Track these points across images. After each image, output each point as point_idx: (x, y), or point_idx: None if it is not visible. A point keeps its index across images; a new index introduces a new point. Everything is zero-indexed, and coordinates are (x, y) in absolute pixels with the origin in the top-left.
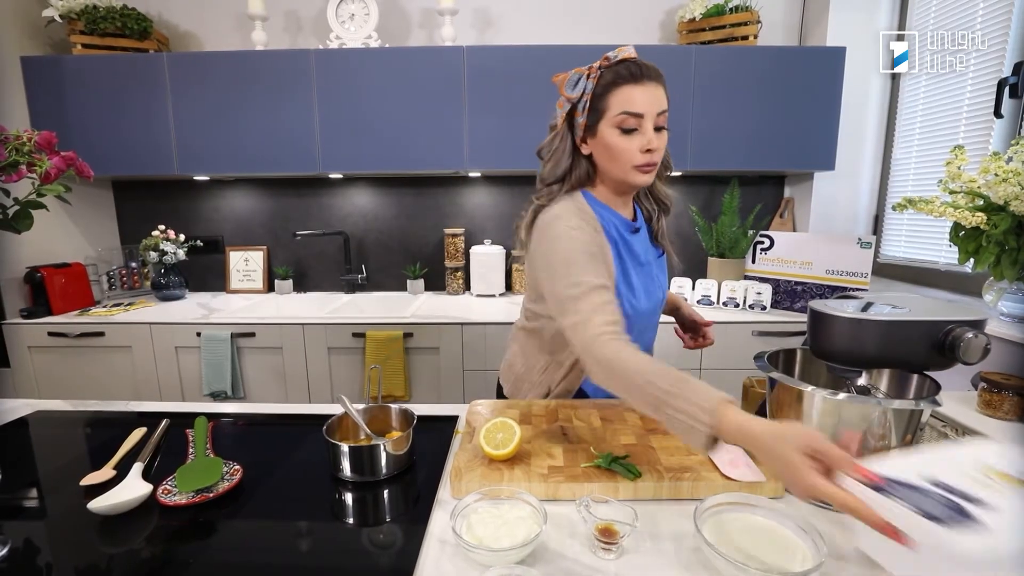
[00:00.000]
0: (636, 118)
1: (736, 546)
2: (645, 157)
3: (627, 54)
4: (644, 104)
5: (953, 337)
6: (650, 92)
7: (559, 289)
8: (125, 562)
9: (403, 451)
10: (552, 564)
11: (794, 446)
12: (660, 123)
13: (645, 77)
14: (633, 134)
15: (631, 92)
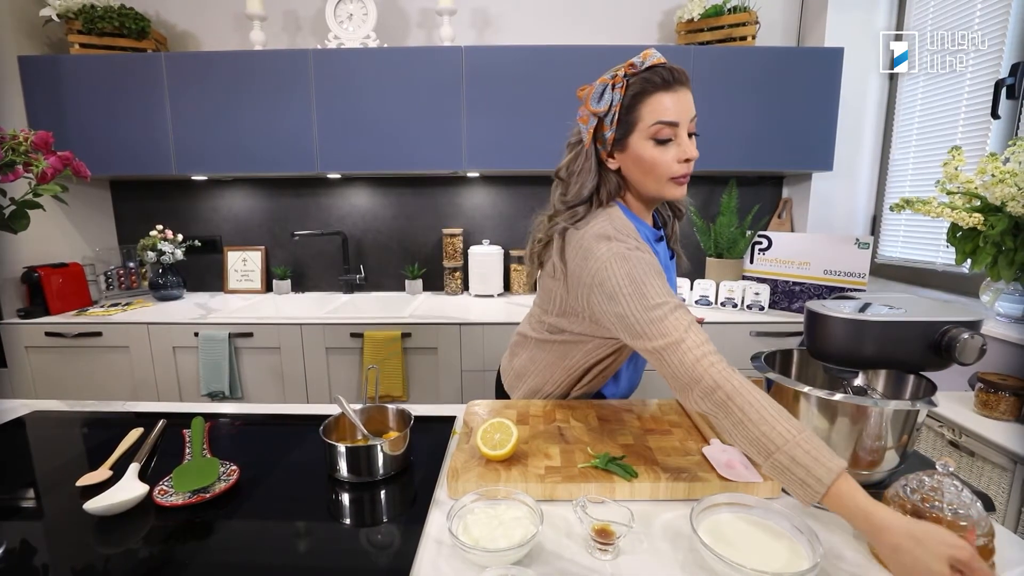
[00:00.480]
0: (671, 127)
1: (732, 546)
2: (683, 168)
3: (655, 59)
4: (678, 112)
5: (949, 338)
6: (682, 98)
7: (632, 311)
8: (121, 563)
9: (400, 451)
10: (549, 565)
11: (936, 554)
12: (692, 129)
13: (677, 83)
14: (668, 144)
15: (664, 100)
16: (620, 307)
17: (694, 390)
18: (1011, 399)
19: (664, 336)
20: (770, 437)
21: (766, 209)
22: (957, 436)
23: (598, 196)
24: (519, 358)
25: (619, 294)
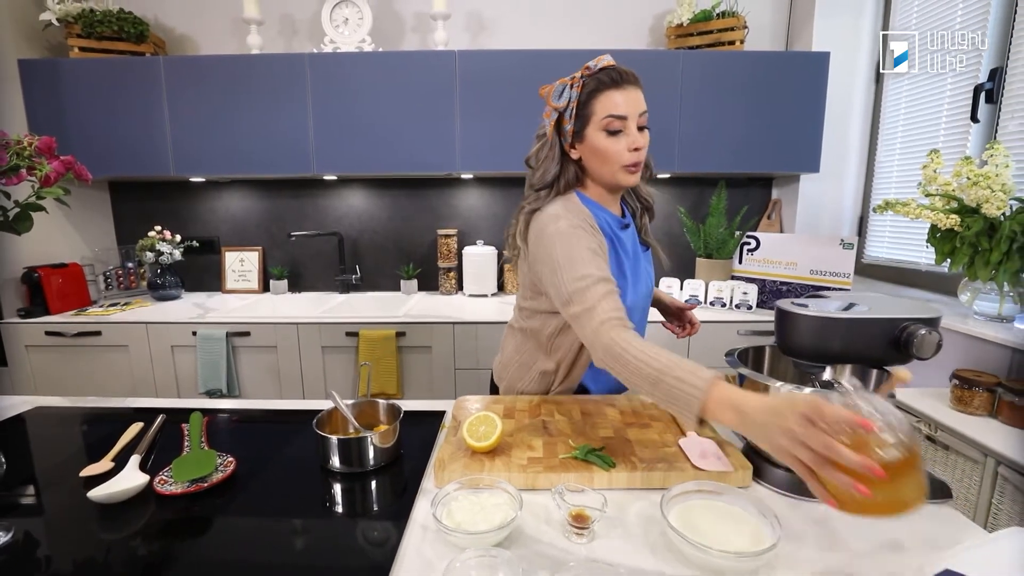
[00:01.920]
0: (620, 120)
1: (700, 530)
2: (633, 156)
3: (606, 62)
4: (626, 106)
5: (908, 334)
6: (631, 95)
7: (564, 283)
8: (123, 548)
9: (390, 444)
10: (527, 547)
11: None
12: (642, 123)
13: (625, 82)
14: (619, 135)
15: (613, 96)
16: (556, 278)
17: (597, 349)
18: (984, 395)
19: (583, 304)
20: (658, 368)
21: (755, 210)
22: (933, 431)
23: (559, 182)
24: (506, 349)
25: (557, 267)
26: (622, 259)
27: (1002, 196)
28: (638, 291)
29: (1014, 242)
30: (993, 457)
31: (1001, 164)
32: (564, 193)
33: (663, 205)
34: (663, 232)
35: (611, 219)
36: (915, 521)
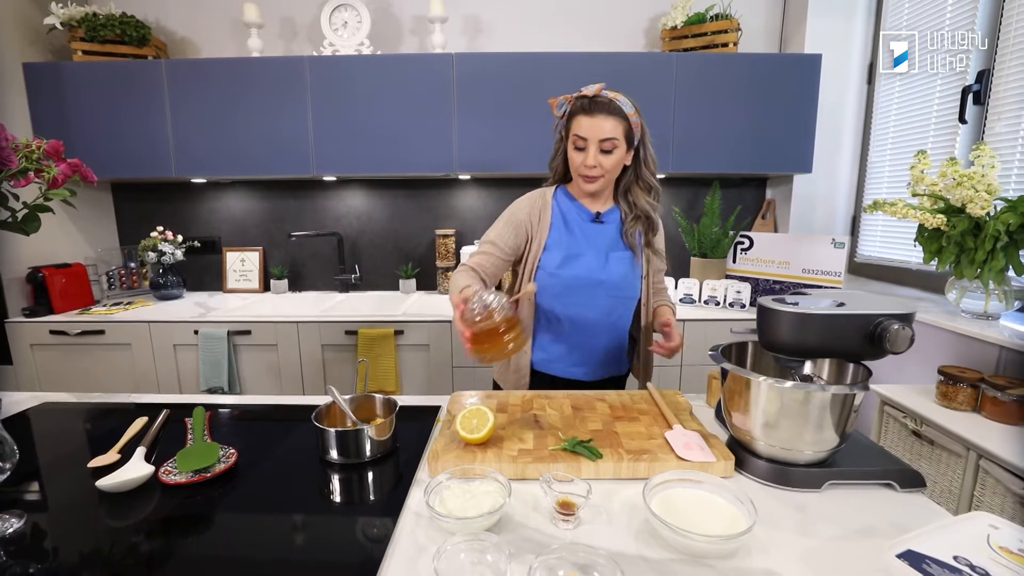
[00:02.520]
0: (583, 140)
1: (681, 516)
2: (588, 171)
3: (586, 92)
4: (588, 131)
5: (881, 329)
6: (596, 122)
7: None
8: (130, 534)
9: (386, 436)
10: (515, 533)
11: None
12: (605, 147)
13: (596, 110)
14: (582, 152)
15: (582, 121)
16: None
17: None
18: (968, 390)
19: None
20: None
21: (749, 210)
22: (919, 426)
23: (555, 174)
24: None
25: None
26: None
27: (986, 196)
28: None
29: (998, 241)
30: (975, 451)
31: (987, 165)
32: (558, 183)
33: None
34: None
35: (581, 211)
36: (889, 508)
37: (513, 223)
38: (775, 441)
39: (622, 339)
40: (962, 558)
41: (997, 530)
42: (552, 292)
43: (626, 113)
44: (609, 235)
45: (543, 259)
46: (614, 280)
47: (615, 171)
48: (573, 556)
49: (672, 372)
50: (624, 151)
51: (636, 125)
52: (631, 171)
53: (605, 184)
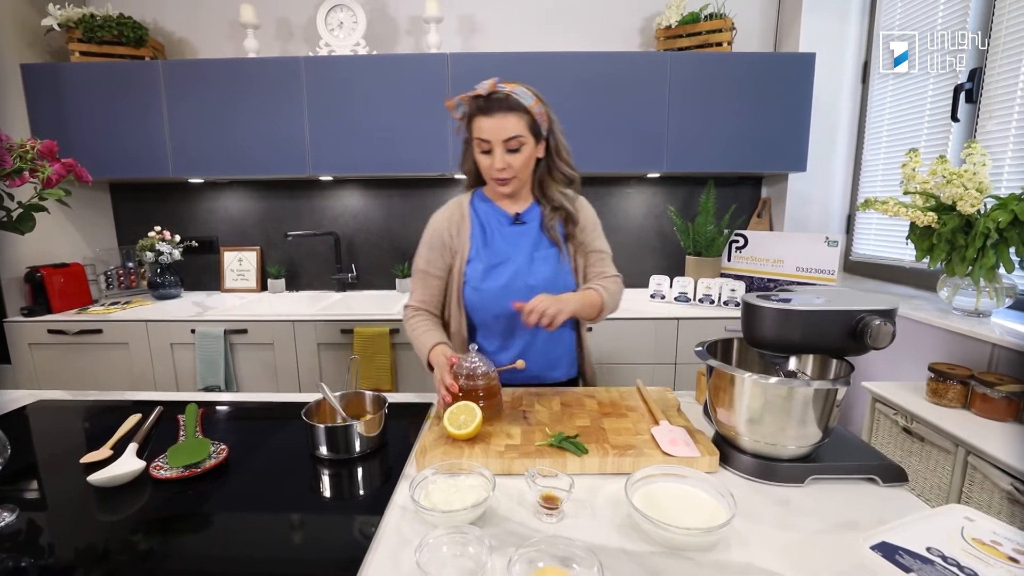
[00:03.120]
0: (487, 143)
1: (664, 510)
2: (499, 173)
3: (479, 91)
4: (490, 133)
5: (863, 324)
6: (497, 122)
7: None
8: (121, 527)
9: (375, 432)
10: (499, 526)
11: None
12: (512, 146)
13: (493, 109)
14: (489, 154)
15: (482, 122)
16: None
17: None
18: (958, 387)
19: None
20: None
21: (744, 208)
22: (909, 423)
23: (468, 180)
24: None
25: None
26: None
27: (975, 194)
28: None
29: (988, 239)
30: (963, 447)
31: (978, 163)
32: (473, 188)
33: (653, 204)
34: (654, 231)
35: (499, 215)
36: (871, 502)
37: (435, 245)
38: (759, 436)
39: (567, 340)
40: (935, 549)
41: (972, 522)
42: (483, 306)
43: (526, 106)
44: (532, 235)
45: (467, 273)
46: (543, 283)
47: (527, 168)
48: (553, 548)
49: (666, 370)
50: (532, 146)
51: (541, 115)
52: (544, 163)
53: (520, 184)
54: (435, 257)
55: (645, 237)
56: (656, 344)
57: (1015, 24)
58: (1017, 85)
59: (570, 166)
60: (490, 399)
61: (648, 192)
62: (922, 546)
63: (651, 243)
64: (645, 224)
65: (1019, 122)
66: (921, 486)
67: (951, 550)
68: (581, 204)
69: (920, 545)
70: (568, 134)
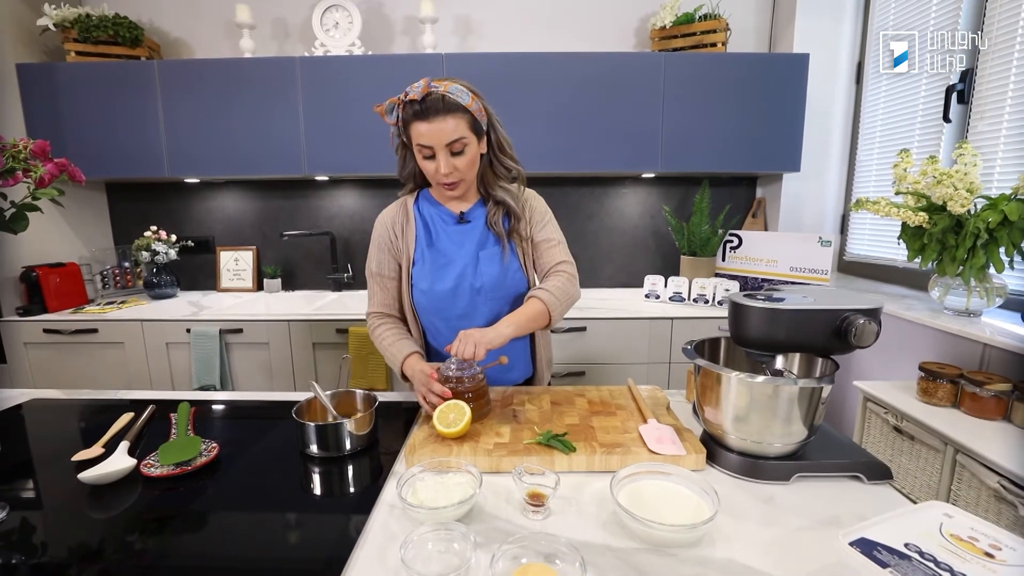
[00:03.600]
0: (429, 149)
1: (649, 507)
2: (443, 179)
3: (412, 95)
4: (431, 138)
5: (848, 323)
6: (436, 126)
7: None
8: (111, 524)
9: (365, 431)
10: (486, 523)
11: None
12: (455, 149)
13: (430, 113)
14: (432, 160)
15: (419, 128)
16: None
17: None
18: (948, 386)
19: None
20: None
21: (738, 208)
22: (899, 421)
23: (410, 182)
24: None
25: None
26: (437, 246)
27: (965, 194)
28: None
29: (978, 239)
30: (952, 445)
31: (969, 163)
32: (417, 190)
33: (648, 204)
34: (649, 231)
35: (443, 214)
36: (855, 500)
37: (383, 246)
38: (745, 434)
39: (521, 342)
40: (913, 545)
41: (951, 519)
42: (430, 309)
43: (464, 104)
44: (476, 234)
45: (414, 275)
46: (490, 283)
47: (473, 168)
48: (536, 545)
49: (661, 369)
50: (476, 144)
51: (479, 112)
52: (485, 159)
53: (467, 185)
54: (384, 258)
55: (640, 237)
56: (650, 344)
57: (1006, 25)
58: (1008, 86)
59: (513, 159)
60: (479, 399)
61: (643, 192)
62: (900, 542)
63: (646, 243)
64: (640, 224)
65: (1010, 123)
66: (911, 484)
67: (928, 546)
68: (527, 196)
69: (898, 541)
70: (563, 134)
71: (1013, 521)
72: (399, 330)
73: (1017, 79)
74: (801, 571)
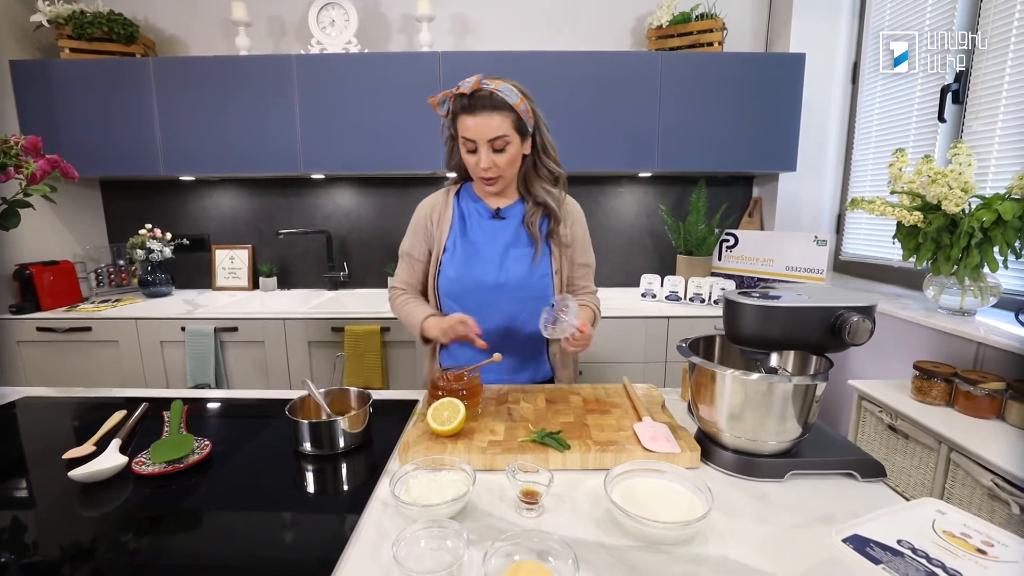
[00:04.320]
0: (472, 142)
1: (641, 505)
2: (485, 172)
3: (462, 89)
4: (475, 132)
5: (842, 321)
6: (481, 121)
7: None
8: (101, 522)
9: (359, 428)
10: (479, 521)
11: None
12: (497, 145)
13: (477, 108)
14: (475, 153)
15: (466, 121)
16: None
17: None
18: (943, 385)
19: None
20: (404, 315)
21: (735, 208)
22: (894, 420)
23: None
24: None
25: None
26: (469, 237)
27: (960, 193)
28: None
29: (973, 238)
30: (947, 444)
31: (963, 163)
32: (460, 184)
33: (644, 203)
34: (645, 230)
35: (481, 208)
36: (849, 497)
37: (418, 230)
38: (740, 432)
39: (535, 342)
40: (905, 542)
41: (944, 515)
42: (453, 295)
43: (511, 104)
44: (510, 231)
45: (442, 262)
46: (514, 281)
47: (513, 167)
48: (529, 542)
49: (657, 368)
50: (518, 144)
51: (526, 112)
52: (528, 160)
53: (506, 183)
54: (417, 241)
55: (636, 236)
56: (647, 343)
57: (1001, 25)
58: (1002, 86)
59: (556, 163)
60: (472, 397)
61: (639, 191)
62: (893, 539)
63: (642, 242)
64: (636, 223)
65: (1004, 122)
66: (905, 483)
67: (921, 542)
68: (571, 207)
69: (891, 538)
70: (559, 133)
71: (1007, 519)
72: (419, 299)
73: (1012, 79)
74: (795, 568)
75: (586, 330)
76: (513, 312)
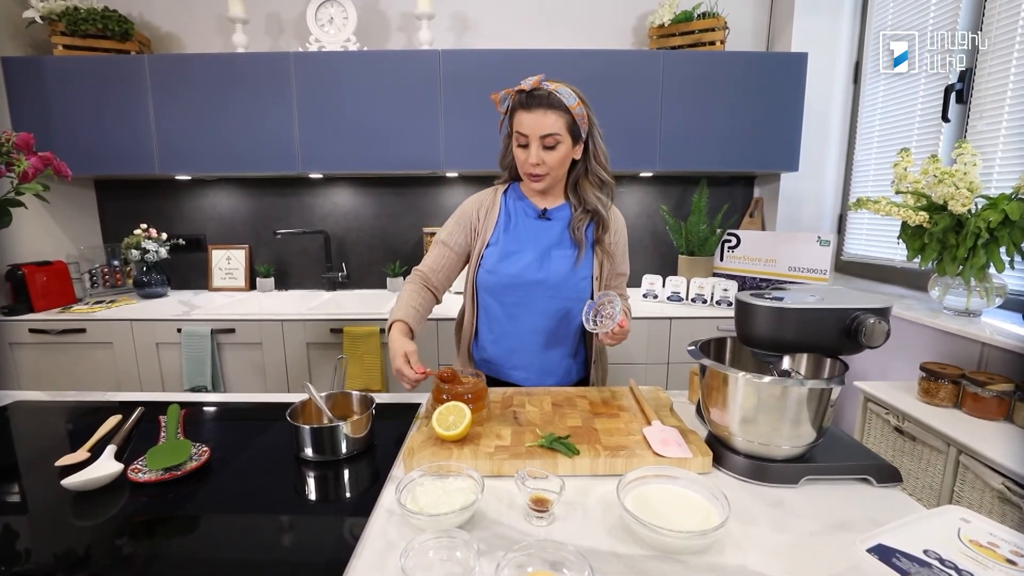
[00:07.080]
0: (524, 137)
1: (655, 512)
2: (532, 168)
3: (523, 86)
4: (529, 128)
5: (858, 323)
6: (536, 118)
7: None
8: (96, 532)
9: (362, 433)
10: (488, 530)
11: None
12: (548, 143)
13: (534, 105)
14: (526, 148)
15: (522, 117)
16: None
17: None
18: (950, 386)
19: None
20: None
21: (736, 208)
22: (901, 422)
23: (507, 171)
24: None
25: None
26: (513, 233)
27: (967, 193)
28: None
29: (979, 238)
30: (955, 446)
31: (968, 163)
32: (509, 182)
33: (646, 203)
34: (647, 230)
35: (527, 208)
36: (865, 503)
37: (462, 221)
38: (753, 436)
39: (569, 346)
40: (932, 552)
41: (968, 523)
42: (491, 290)
43: (568, 106)
44: (554, 232)
45: (484, 255)
46: (554, 280)
47: (561, 167)
48: (543, 552)
49: (659, 369)
50: (569, 146)
51: (581, 117)
52: (580, 165)
53: (552, 181)
54: (457, 232)
55: (638, 236)
56: (649, 344)
57: (1005, 24)
58: (1007, 85)
59: (606, 170)
60: (477, 400)
61: (641, 191)
62: (919, 548)
63: (644, 242)
64: (638, 223)
65: (1009, 122)
66: (913, 485)
67: (948, 552)
68: (617, 216)
69: (917, 547)
70: None
71: (1018, 522)
72: (421, 296)
73: (1016, 78)
74: None
75: (625, 325)
76: (552, 309)
